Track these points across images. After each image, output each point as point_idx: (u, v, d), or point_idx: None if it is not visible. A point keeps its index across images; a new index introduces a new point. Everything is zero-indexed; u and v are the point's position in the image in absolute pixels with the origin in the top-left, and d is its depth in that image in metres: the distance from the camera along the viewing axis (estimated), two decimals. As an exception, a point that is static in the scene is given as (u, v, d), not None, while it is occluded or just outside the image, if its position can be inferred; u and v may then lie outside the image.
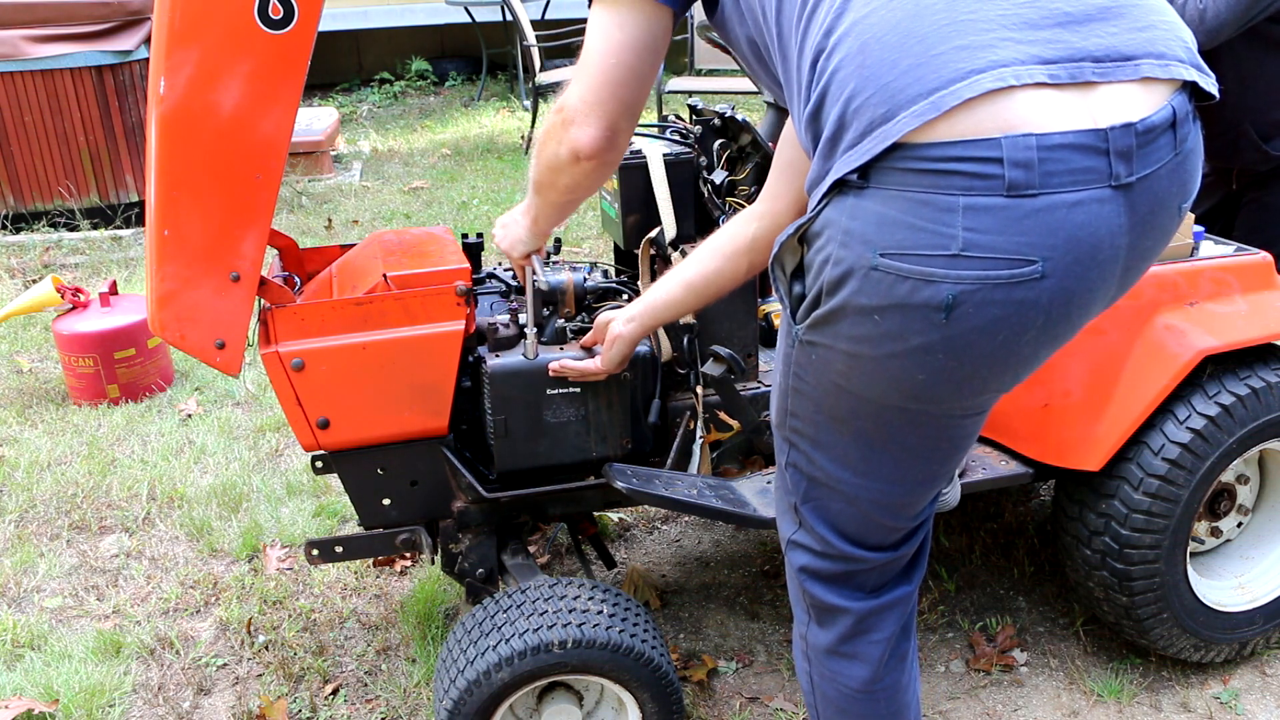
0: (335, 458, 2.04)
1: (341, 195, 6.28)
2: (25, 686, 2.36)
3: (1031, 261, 1.17)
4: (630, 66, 1.44)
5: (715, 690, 2.34)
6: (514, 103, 8.61)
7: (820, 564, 1.54)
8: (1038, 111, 1.16)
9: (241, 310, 1.87)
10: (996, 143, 1.15)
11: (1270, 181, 2.78)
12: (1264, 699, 2.28)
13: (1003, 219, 1.16)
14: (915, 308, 1.20)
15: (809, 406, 1.42)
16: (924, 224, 1.18)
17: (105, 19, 5.25)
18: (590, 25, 1.47)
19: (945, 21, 1.18)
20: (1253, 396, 2.05)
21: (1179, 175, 1.28)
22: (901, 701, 1.60)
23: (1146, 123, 1.21)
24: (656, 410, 2.15)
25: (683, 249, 2.11)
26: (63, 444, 3.45)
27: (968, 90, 1.14)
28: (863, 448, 1.40)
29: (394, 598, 2.67)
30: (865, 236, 1.21)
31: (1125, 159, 1.19)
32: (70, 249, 5.31)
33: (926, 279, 1.19)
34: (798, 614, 1.62)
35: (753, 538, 2.88)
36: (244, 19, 1.74)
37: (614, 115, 1.47)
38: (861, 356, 1.29)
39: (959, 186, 1.16)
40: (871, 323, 1.24)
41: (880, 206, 1.20)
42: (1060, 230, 1.17)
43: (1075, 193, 1.17)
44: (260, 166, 1.81)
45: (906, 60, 1.17)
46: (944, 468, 1.46)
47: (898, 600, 1.55)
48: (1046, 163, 1.15)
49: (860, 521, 1.48)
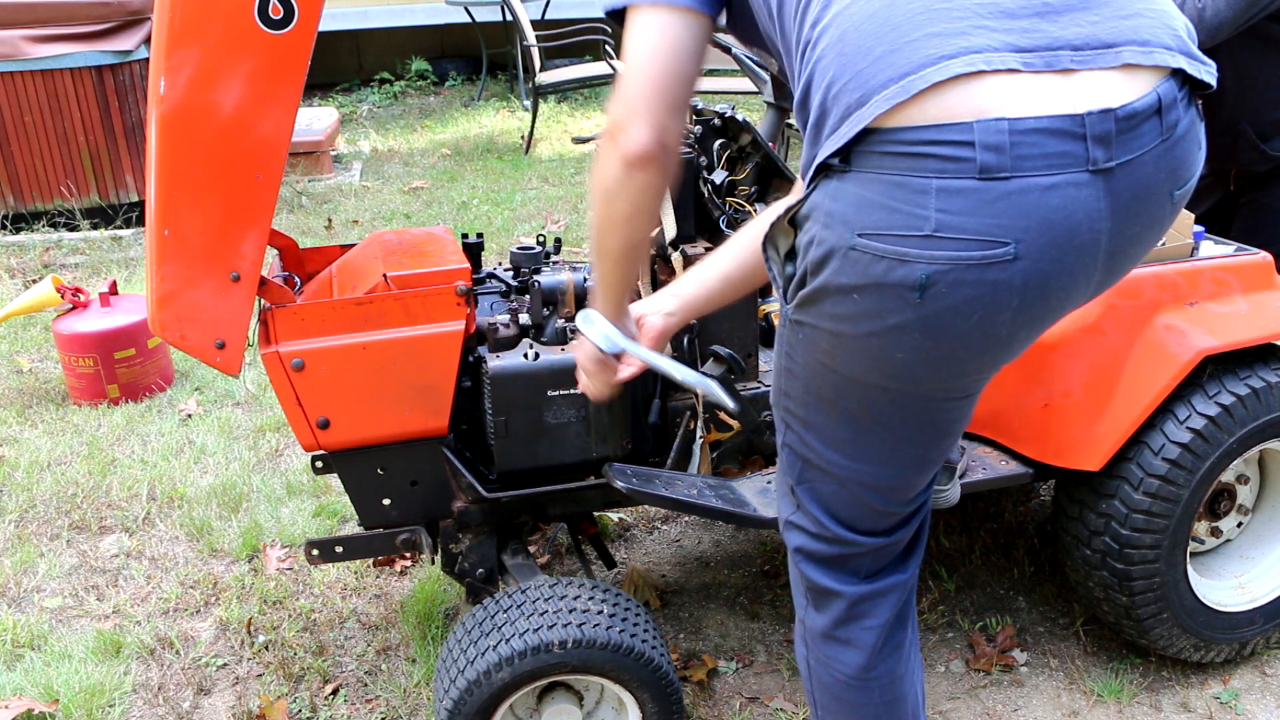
0: (335, 458, 2.04)
1: (341, 195, 6.28)
2: (25, 686, 2.36)
3: (1004, 243, 1.20)
4: (672, 68, 1.43)
5: (715, 690, 2.34)
6: (514, 103, 8.61)
7: (815, 545, 1.55)
8: (1011, 96, 1.18)
9: (241, 310, 1.87)
10: (969, 126, 1.18)
11: (1269, 183, 2.78)
12: (1264, 699, 2.28)
13: (975, 201, 1.19)
14: (891, 287, 1.24)
15: (799, 386, 1.45)
16: (898, 205, 1.21)
17: (105, 19, 5.25)
18: (628, 36, 1.45)
19: (920, 10, 1.22)
20: (1253, 396, 2.05)
21: (1168, 162, 1.28)
22: (897, 692, 1.60)
23: (1128, 109, 1.22)
24: (656, 410, 2.15)
25: (683, 249, 2.11)
26: (63, 444, 3.45)
27: (936, 74, 1.18)
28: (850, 429, 1.42)
29: (394, 598, 2.67)
30: (845, 217, 1.25)
31: (1104, 144, 1.20)
32: (70, 249, 5.31)
33: (901, 259, 1.22)
34: (796, 598, 1.64)
35: (753, 538, 2.88)
36: (244, 19, 1.74)
37: (659, 113, 1.42)
38: (843, 335, 1.32)
39: (932, 169, 1.19)
40: (851, 301, 1.28)
41: (858, 189, 1.24)
42: (1034, 213, 1.19)
43: (1049, 176, 1.19)
44: (260, 166, 1.81)
45: (880, 47, 1.21)
46: (932, 452, 1.46)
47: (892, 587, 1.56)
48: (1019, 146, 1.18)
49: (852, 504, 1.50)
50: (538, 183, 6.49)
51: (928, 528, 1.61)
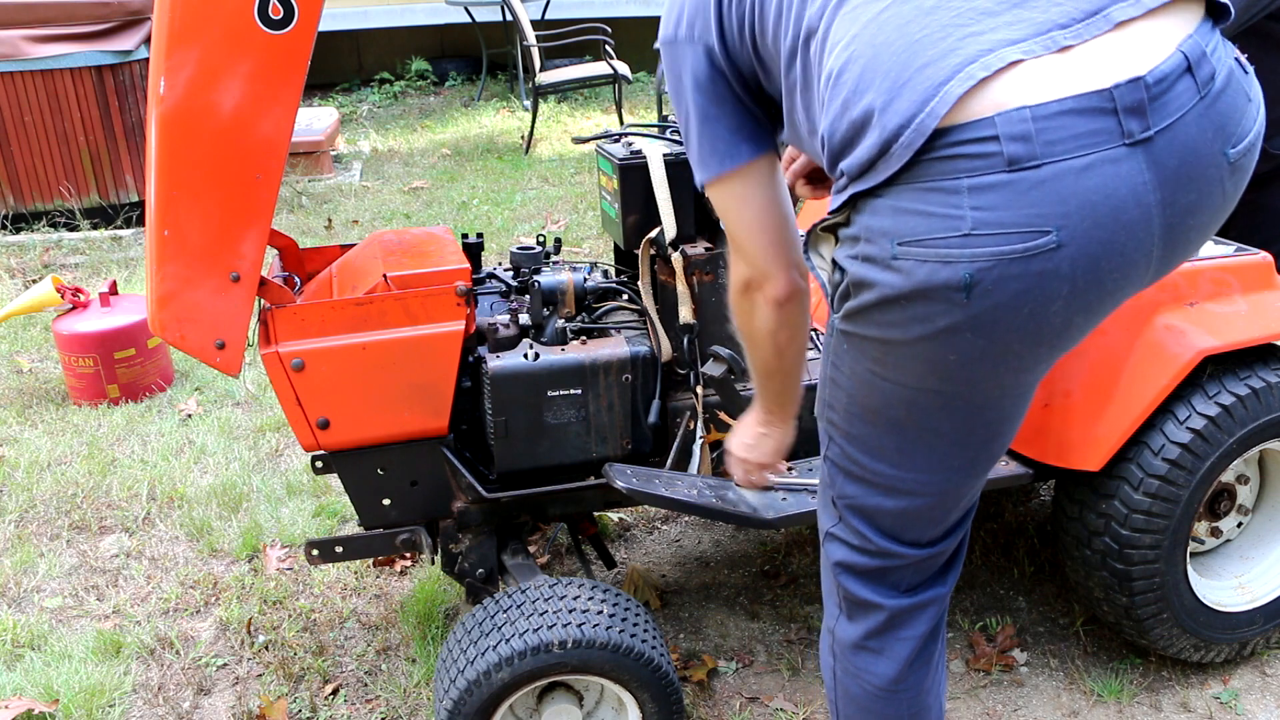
0: (335, 458, 2.04)
1: (341, 195, 6.28)
2: (25, 686, 2.36)
3: (1045, 232, 1.18)
4: (771, 222, 1.61)
5: (715, 690, 2.34)
6: (514, 103, 8.61)
7: (857, 558, 1.53)
8: (1027, 85, 1.17)
9: (241, 310, 1.87)
10: (990, 121, 1.17)
11: (1268, 183, 2.77)
12: (1264, 699, 2.28)
13: (1009, 194, 1.17)
14: (937, 289, 1.22)
15: (843, 398, 1.43)
16: (934, 209, 1.20)
17: (105, 19, 5.26)
18: (719, 206, 1.66)
19: (902, 48, 1.22)
20: (1253, 396, 2.05)
21: (1212, 118, 1.23)
22: (923, 704, 1.58)
23: (1156, 72, 1.18)
24: (656, 410, 2.15)
25: (683, 249, 2.12)
26: (63, 444, 3.45)
27: (942, 106, 1.18)
28: (897, 438, 1.41)
29: (394, 598, 2.67)
30: (884, 229, 1.24)
31: (1137, 114, 1.18)
32: (70, 249, 5.31)
33: (944, 260, 1.20)
34: (829, 608, 1.62)
35: (753, 538, 2.88)
36: (244, 19, 1.74)
37: (788, 256, 1.62)
38: (893, 342, 1.31)
39: (962, 170, 1.18)
40: (899, 309, 1.26)
41: (894, 200, 1.23)
42: (1072, 197, 1.17)
43: (1083, 157, 1.17)
44: (260, 166, 1.81)
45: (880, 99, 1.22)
46: (981, 455, 1.44)
47: (931, 600, 1.54)
48: (1046, 131, 1.16)
49: (898, 515, 1.47)
50: (538, 183, 6.49)
51: (968, 540, 1.60)
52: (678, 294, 2.12)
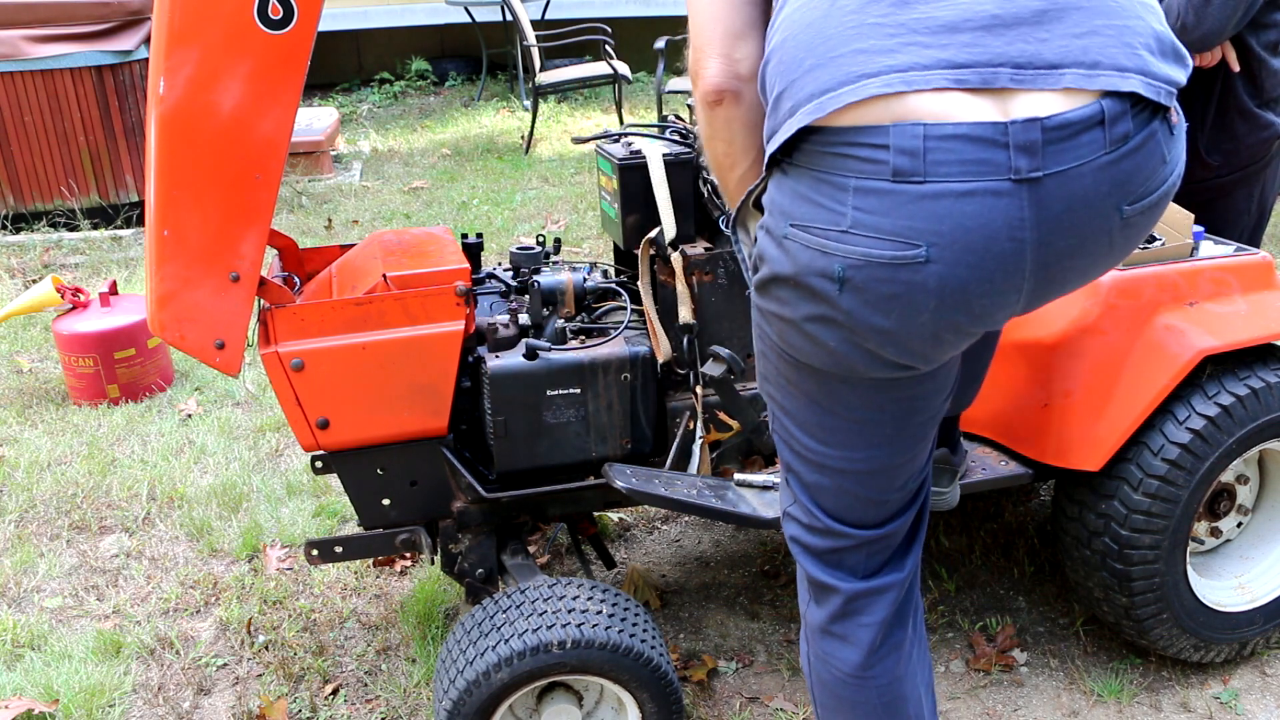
0: (335, 458, 2.04)
1: (341, 195, 6.28)
2: (25, 686, 2.36)
3: (916, 245, 1.21)
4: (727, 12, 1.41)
5: (715, 690, 2.34)
6: (514, 103, 8.61)
7: (808, 537, 1.56)
8: (934, 105, 1.19)
9: (241, 310, 1.87)
10: (885, 130, 1.20)
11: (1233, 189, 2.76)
12: (1264, 699, 2.28)
13: (889, 203, 1.21)
14: (816, 276, 1.27)
15: (769, 368, 1.48)
16: (822, 200, 1.25)
17: (105, 19, 5.26)
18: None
19: (853, 25, 1.23)
20: (1252, 396, 2.05)
21: (1113, 175, 1.23)
22: (897, 694, 1.59)
23: (1059, 118, 1.19)
24: (656, 410, 2.15)
25: (682, 249, 2.12)
26: (63, 444, 3.45)
27: (851, 95, 1.20)
28: (816, 413, 1.44)
29: (394, 598, 2.67)
30: (783, 208, 1.30)
31: (1028, 153, 1.19)
32: (70, 249, 5.31)
33: (822, 250, 1.26)
34: (800, 591, 1.64)
35: (753, 538, 2.88)
36: (243, 19, 1.74)
37: (723, 45, 1.41)
38: (787, 320, 1.36)
39: (851, 169, 1.23)
40: (789, 289, 1.32)
41: (794, 182, 1.29)
42: (947, 218, 1.20)
43: (966, 183, 1.19)
44: (260, 166, 1.81)
45: (810, 59, 1.24)
46: (902, 433, 1.45)
47: (888, 586, 1.56)
48: (934, 152, 1.18)
49: (836, 493, 1.50)
50: (538, 183, 6.49)
51: (925, 526, 1.61)
52: (677, 294, 2.12)
